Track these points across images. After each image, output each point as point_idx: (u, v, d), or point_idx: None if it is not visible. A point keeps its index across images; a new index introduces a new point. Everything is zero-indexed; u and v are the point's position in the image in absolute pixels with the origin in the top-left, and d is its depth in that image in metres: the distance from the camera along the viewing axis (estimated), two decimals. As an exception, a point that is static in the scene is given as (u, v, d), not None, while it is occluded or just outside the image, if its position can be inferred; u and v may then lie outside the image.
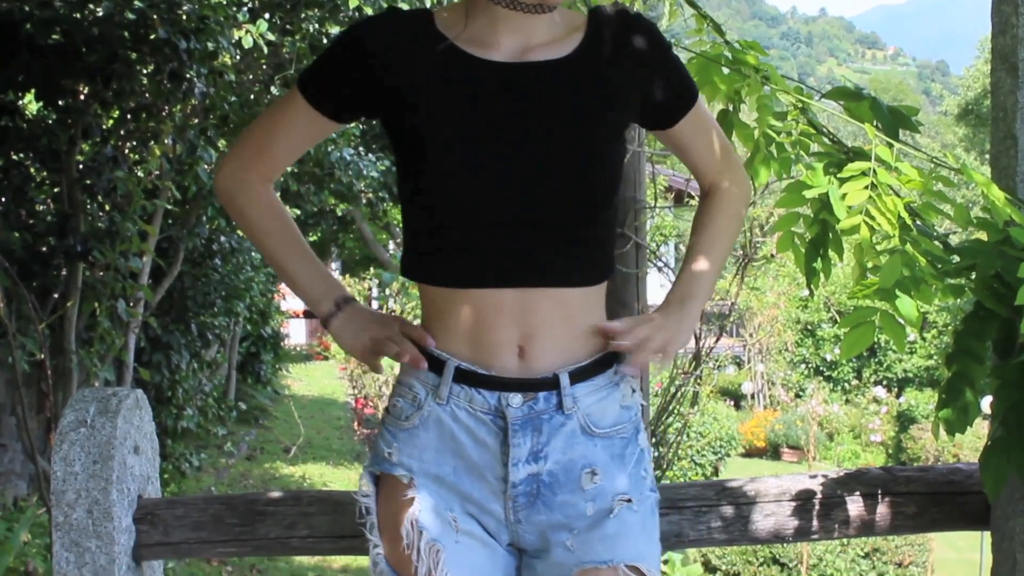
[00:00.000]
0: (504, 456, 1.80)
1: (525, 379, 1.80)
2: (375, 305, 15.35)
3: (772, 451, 18.71)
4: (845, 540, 9.71)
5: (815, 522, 2.22)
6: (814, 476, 2.28)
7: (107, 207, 7.36)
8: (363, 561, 1.90)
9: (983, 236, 2.00)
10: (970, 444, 15.13)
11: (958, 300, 2.03)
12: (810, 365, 21.34)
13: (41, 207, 7.39)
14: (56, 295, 7.12)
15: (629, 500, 1.83)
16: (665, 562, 8.19)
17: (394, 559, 1.81)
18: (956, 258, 1.97)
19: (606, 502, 1.82)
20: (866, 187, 1.88)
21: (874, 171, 1.89)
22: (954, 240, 2.09)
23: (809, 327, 21.30)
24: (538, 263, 1.79)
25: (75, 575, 2.15)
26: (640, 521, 1.85)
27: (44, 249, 6.96)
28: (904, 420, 19.00)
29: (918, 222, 1.99)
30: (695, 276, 1.96)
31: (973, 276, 1.97)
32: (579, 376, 1.82)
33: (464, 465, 1.81)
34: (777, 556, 9.79)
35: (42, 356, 6.42)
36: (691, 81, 1.99)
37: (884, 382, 20.92)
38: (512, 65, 1.81)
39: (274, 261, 1.98)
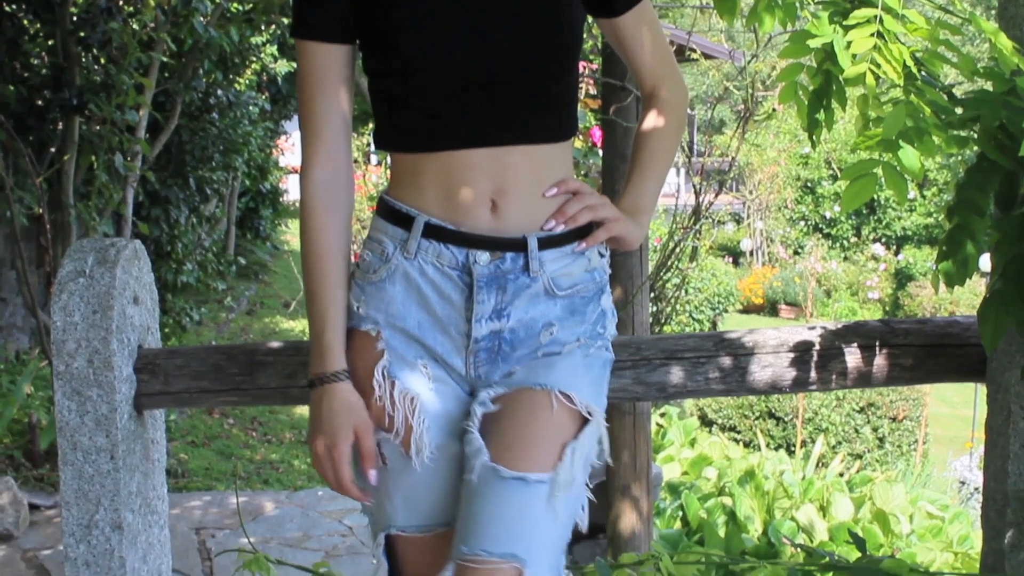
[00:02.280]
0: (468, 312, 1.84)
1: (494, 237, 1.82)
2: (374, 160, 15.23)
3: (770, 308, 18.81)
4: (840, 395, 9.81)
5: (812, 373, 2.24)
6: (812, 328, 2.28)
7: (102, 60, 7.28)
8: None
9: (989, 87, 1.97)
10: (967, 301, 15.21)
11: (961, 154, 2.01)
12: (809, 222, 21.34)
13: (36, 60, 7.30)
14: (53, 149, 7.08)
15: (578, 341, 1.90)
16: (662, 415, 8.28)
17: (369, 408, 1.85)
18: (960, 109, 1.95)
19: (556, 348, 1.88)
20: (872, 35, 1.84)
21: (880, 19, 1.86)
22: (959, 92, 2.06)
23: (809, 184, 21.25)
24: (509, 121, 1.82)
25: (77, 424, 2.17)
26: (586, 364, 1.90)
27: (40, 103, 6.90)
28: (902, 277, 19.08)
29: (923, 72, 1.96)
30: (643, 190, 2.02)
31: (977, 127, 1.94)
32: (547, 243, 1.85)
33: (429, 319, 1.85)
34: (773, 410, 9.90)
35: (40, 210, 6.41)
36: None
37: (883, 239, 20.95)
38: None
39: (318, 288, 1.89)
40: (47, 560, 4.68)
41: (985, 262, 7.27)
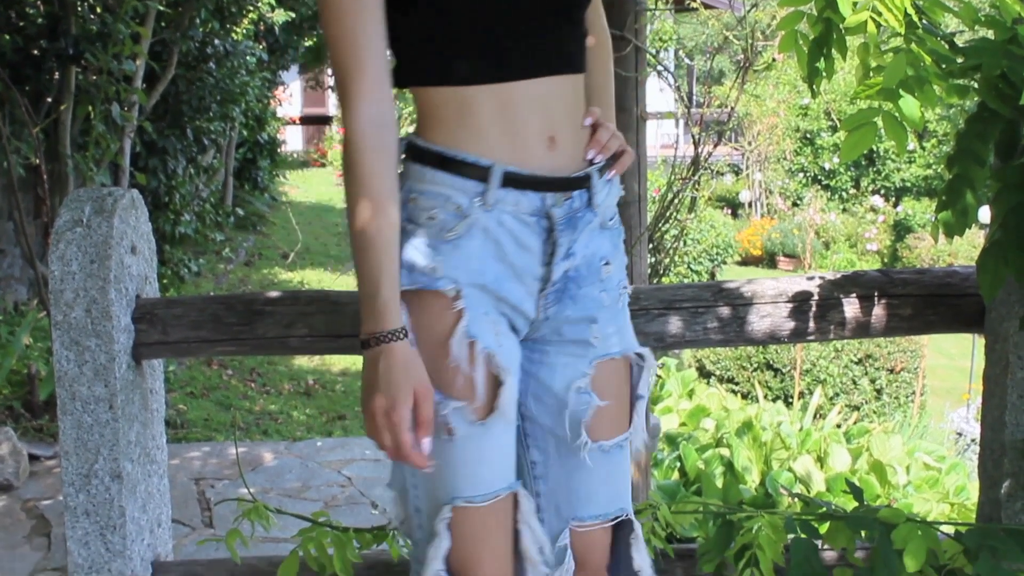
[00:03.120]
0: (547, 256, 1.80)
1: (561, 177, 1.79)
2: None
3: (768, 259, 18.80)
4: (838, 346, 9.82)
5: (811, 323, 2.24)
6: (811, 278, 2.28)
7: (98, 9, 7.24)
8: (361, 364, 1.91)
9: (990, 35, 1.96)
10: (965, 253, 15.21)
11: (961, 104, 2.00)
12: (808, 174, 21.28)
13: (32, 9, 7.26)
14: (49, 99, 7.06)
15: (625, 288, 1.93)
16: (660, 365, 8.29)
17: (436, 377, 1.73)
18: (961, 58, 1.94)
19: (615, 290, 1.90)
20: (873, -18, 1.83)
21: (882, -34, 1.84)
22: (960, 41, 2.05)
23: (808, 135, 21.18)
24: (559, 49, 1.78)
25: (75, 373, 2.17)
26: (627, 309, 1.97)
27: (36, 52, 6.87)
28: (901, 229, 19.06)
29: (924, 20, 1.95)
30: (608, 108, 2.01)
31: (978, 76, 1.94)
32: (599, 173, 1.85)
33: (505, 269, 1.78)
34: (771, 362, 9.92)
35: (37, 161, 6.39)
36: None
37: (882, 191, 20.91)
38: None
39: (371, 239, 1.71)
40: (47, 510, 4.70)
41: (984, 214, 7.25)
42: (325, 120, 25.90)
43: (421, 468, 1.71)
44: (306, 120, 26.36)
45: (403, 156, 1.81)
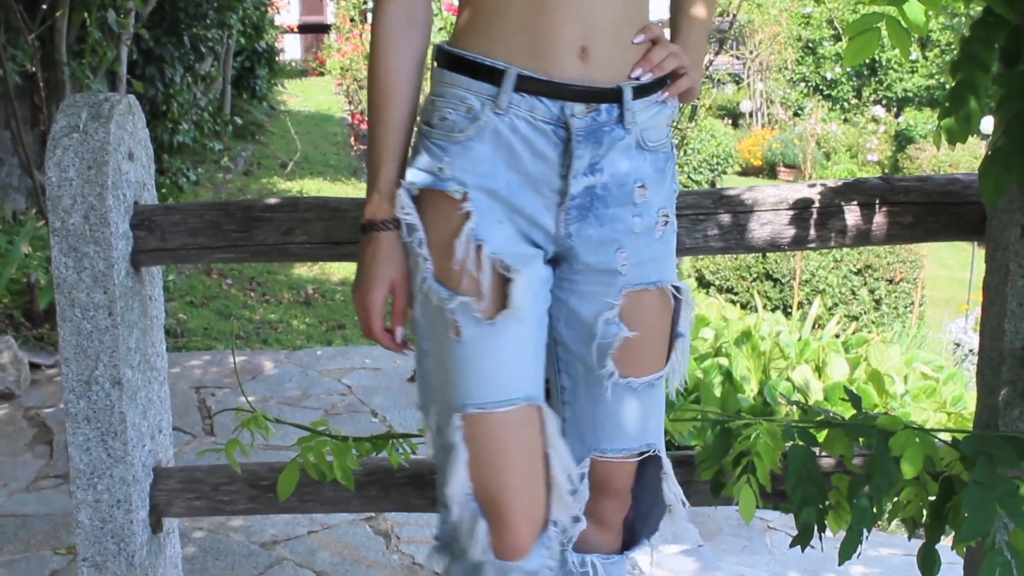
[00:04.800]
0: (564, 168, 1.75)
1: (588, 88, 1.73)
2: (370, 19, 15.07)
3: (769, 170, 18.78)
4: (838, 256, 9.83)
5: (812, 231, 2.22)
6: (812, 185, 2.27)
7: (93, -87, 7.15)
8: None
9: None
10: (967, 164, 15.19)
11: (966, 12, 1.98)
12: (810, 83, 21.18)
13: (25, -86, 7.18)
14: (44, 6, 6.97)
15: (667, 216, 1.86)
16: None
17: (443, 276, 1.76)
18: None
19: (651, 217, 1.83)
20: None
21: None
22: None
23: (811, 44, 21.04)
24: None
25: (74, 280, 2.17)
26: (672, 240, 1.90)
27: (30, -42, 6.79)
28: (902, 139, 19.01)
29: (930, -77, 1.92)
30: (693, 42, 1.97)
31: (984, -20, 1.91)
32: (638, 93, 1.78)
33: (519, 178, 1.75)
34: (770, 272, 9.93)
35: (33, 69, 6.35)
36: None
37: (883, 101, 20.82)
38: None
39: (380, 132, 1.83)
40: (48, 418, 4.73)
41: (986, 124, 7.20)
42: (323, 28, 25.69)
43: (391, 349, 1.86)
44: (304, 28, 26.18)
45: (435, 63, 1.83)
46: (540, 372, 1.82)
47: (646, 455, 1.92)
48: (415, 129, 1.84)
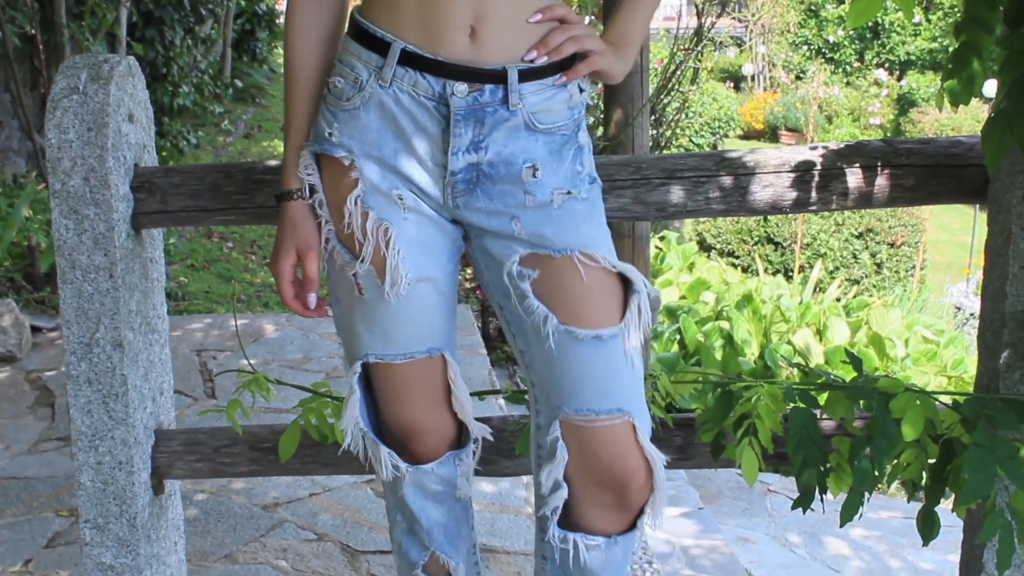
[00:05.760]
0: (444, 144, 1.78)
1: (473, 68, 1.75)
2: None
3: (770, 133, 18.74)
4: (839, 220, 9.81)
5: (813, 193, 2.22)
6: (814, 148, 2.26)
7: None
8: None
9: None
10: (969, 128, 15.15)
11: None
12: (812, 47, 21.11)
13: None
14: (44, -33, 6.96)
15: (569, 192, 1.82)
16: (661, 239, 8.29)
17: (343, 237, 1.85)
18: (972, -78, 1.90)
19: (545, 195, 1.81)
20: None
21: None
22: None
23: (813, 7, 20.95)
24: None
25: (75, 242, 2.16)
26: (586, 209, 1.85)
27: (29, -81, 6.75)
28: (904, 103, 18.96)
29: None
30: (631, 20, 1.94)
31: (989, -60, 1.90)
32: (528, 75, 1.78)
33: (405, 148, 1.80)
34: (772, 235, 9.92)
35: (33, 31, 6.33)
36: None
37: (886, 64, 20.75)
38: None
39: (288, 106, 1.92)
40: (50, 381, 4.74)
41: (989, 87, 7.17)
42: (324, -9, 25.55)
43: (302, 315, 1.95)
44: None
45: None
46: (444, 324, 1.93)
47: (621, 420, 1.80)
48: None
